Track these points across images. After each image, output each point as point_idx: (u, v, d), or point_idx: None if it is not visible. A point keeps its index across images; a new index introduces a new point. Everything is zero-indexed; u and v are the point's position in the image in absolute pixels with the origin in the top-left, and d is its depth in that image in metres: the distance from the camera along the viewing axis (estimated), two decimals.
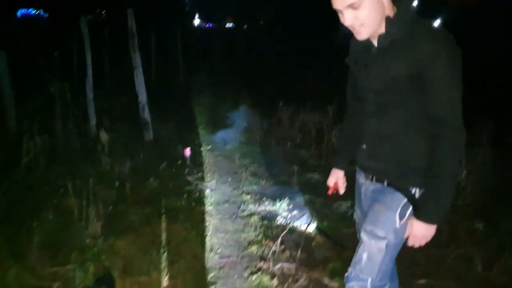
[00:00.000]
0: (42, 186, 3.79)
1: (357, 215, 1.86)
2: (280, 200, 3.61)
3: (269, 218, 3.38)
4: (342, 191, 1.89)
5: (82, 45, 5.48)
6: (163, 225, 3.15)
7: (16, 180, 3.85)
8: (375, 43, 1.46)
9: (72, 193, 3.09)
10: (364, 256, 1.57)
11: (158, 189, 3.84)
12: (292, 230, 3.12)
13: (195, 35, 15.51)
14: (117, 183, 3.75)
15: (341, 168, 1.87)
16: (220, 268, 2.70)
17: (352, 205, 3.51)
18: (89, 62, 5.42)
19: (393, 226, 1.52)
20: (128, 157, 4.27)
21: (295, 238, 3.02)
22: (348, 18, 1.37)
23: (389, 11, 1.39)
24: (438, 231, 2.96)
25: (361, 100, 1.60)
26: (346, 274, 1.63)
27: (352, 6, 1.33)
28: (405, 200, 1.51)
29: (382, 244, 1.53)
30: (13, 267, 2.38)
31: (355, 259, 1.60)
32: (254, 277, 2.59)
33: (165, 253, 2.78)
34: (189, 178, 4.18)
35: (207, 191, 3.93)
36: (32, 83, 6.35)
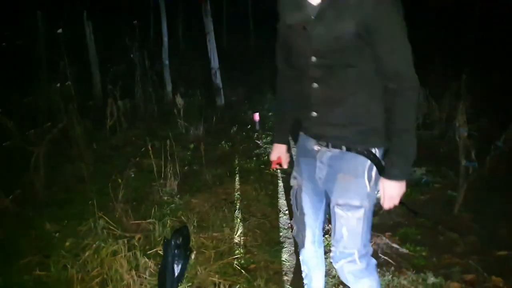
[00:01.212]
0: (125, 146, 4.11)
1: (296, 182, 1.69)
2: None
3: None
4: (285, 165, 1.76)
5: (158, 12, 5.68)
6: (235, 185, 3.29)
7: (102, 140, 4.21)
8: (313, 1, 1.32)
9: (151, 153, 3.30)
10: (344, 231, 1.49)
11: (229, 151, 3.98)
12: None
13: None
14: (192, 145, 3.94)
15: (283, 142, 1.74)
16: (288, 228, 2.76)
17: (428, 171, 3.40)
18: (164, 29, 5.62)
19: (365, 192, 1.46)
20: (201, 121, 4.44)
21: None
22: None
23: None
24: None
25: (299, 65, 1.46)
26: (331, 255, 1.55)
27: None
28: (368, 162, 1.44)
29: (360, 213, 1.46)
30: (102, 219, 2.63)
31: (335, 237, 1.52)
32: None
33: (236, 211, 2.91)
34: (258, 142, 4.25)
35: None
36: (114, 50, 6.75)
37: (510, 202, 2.88)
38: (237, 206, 2.98)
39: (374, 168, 1.45)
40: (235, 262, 2.37)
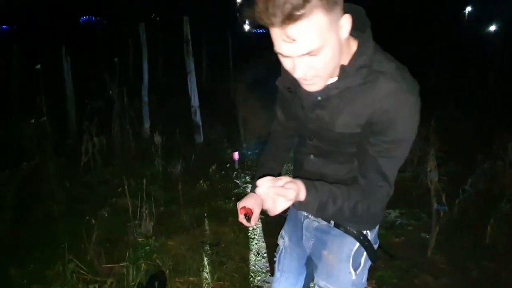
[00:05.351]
0: (99, 184, 4.03)
1: (283, 242, 1.56)
2: None
3: None
4: (253, 222, 1.42)
5: (138, 50, 5.75)
6: (213, 226, 3.24)
7: (76, 178, 4.12)
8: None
9: (127, 192, 3.24)
10: None
11: (208, 190, 3.96)
12: None
13: (245, 40, 15.75)
14: (169, 184, 3.90)
15: None
16: (267, 271, 2.73)
17: (402, 214, 3.46)
18: (145, 66, 5.68)
19: (349, 280, 1.32)
20: (180, 159, 4.43)
21: None
22: (301, 68, 0.97)
23: (345, 54, 1.04)
24: (491, 245, 2.89)
25: (298, 132, 1.34)
26: None
27: (310, 53, 0.93)
28: (357, 245, 1.29)
29: None
30: (72, 262, 2.54)
31: None
32: None
33: (214, 254, 2.86)
34: (238, 181, 4.25)
35: None
36: (93, 86, 6.74)
37: (479, 244, 2.98)
38: (215, 249, 2.93)
39: (364, 254, 1.31)
40: None
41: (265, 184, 0.96)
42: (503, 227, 3.01)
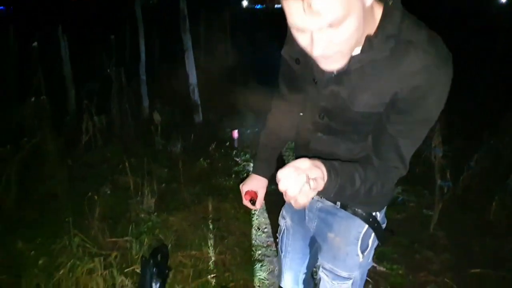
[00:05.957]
0: (100, 163, 4.02)
1: (285, 223, 1.50)
2: None
3: None
4: (258, 205, 1.43)
5: (135, 28, 5.67)
6: (213, 203, 3.25)
7: (77, 157, 4.11)
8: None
9: (128, 170, 3.24)
10: None
11: (208, 168, 3.95)
12: None
13: (244, 16, 15.58)
14: (169, 162, 3.90)
15: (263, 175, 1.43)
16: (267, 246, 2.76)
17: (404, 190, 3.47)
18: (142, 45, 5.60)
19: (356, 263, 1.26)
20: (179, 138, 4.41)
21: None
22: (320, 44, 0.83)
23: (368, 23, 0.88)
24: (495, 222, 2.90)
25: (304, 109, 1.21)
26: None
27: (331, 25, 0.79)
28: (366, 227, 1.23)
29: (348, 283, 1.29)
30: (77, 237, 2.56)
31: None
32: None
33: (215, 229, 2.88)
34: (237, 159, 4.25)
35: None
36: (90, 66, 6.66)
37: (482, 221, 2.99)
38: (216, 225, 2.95)
39: (372, 235, 1.25)
40: (214, 281, 2.35)
41: (293, 177, 0.79)
42: (508, 204, 3.01)
